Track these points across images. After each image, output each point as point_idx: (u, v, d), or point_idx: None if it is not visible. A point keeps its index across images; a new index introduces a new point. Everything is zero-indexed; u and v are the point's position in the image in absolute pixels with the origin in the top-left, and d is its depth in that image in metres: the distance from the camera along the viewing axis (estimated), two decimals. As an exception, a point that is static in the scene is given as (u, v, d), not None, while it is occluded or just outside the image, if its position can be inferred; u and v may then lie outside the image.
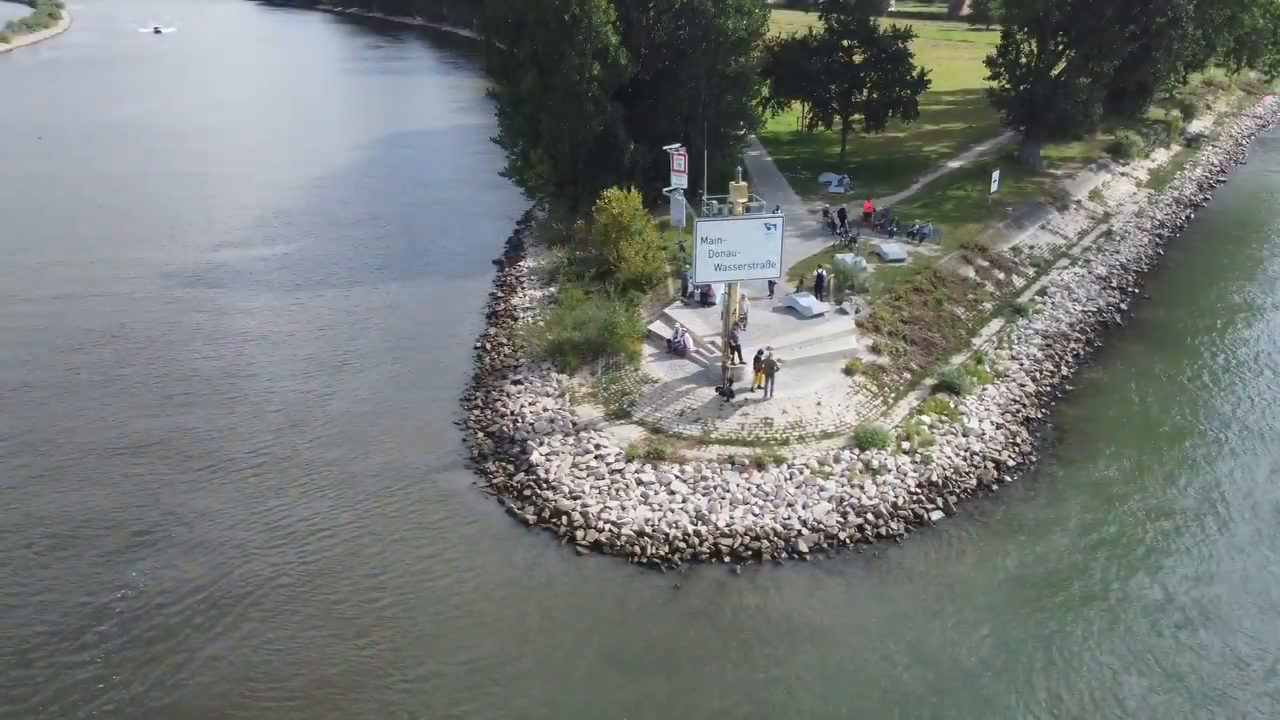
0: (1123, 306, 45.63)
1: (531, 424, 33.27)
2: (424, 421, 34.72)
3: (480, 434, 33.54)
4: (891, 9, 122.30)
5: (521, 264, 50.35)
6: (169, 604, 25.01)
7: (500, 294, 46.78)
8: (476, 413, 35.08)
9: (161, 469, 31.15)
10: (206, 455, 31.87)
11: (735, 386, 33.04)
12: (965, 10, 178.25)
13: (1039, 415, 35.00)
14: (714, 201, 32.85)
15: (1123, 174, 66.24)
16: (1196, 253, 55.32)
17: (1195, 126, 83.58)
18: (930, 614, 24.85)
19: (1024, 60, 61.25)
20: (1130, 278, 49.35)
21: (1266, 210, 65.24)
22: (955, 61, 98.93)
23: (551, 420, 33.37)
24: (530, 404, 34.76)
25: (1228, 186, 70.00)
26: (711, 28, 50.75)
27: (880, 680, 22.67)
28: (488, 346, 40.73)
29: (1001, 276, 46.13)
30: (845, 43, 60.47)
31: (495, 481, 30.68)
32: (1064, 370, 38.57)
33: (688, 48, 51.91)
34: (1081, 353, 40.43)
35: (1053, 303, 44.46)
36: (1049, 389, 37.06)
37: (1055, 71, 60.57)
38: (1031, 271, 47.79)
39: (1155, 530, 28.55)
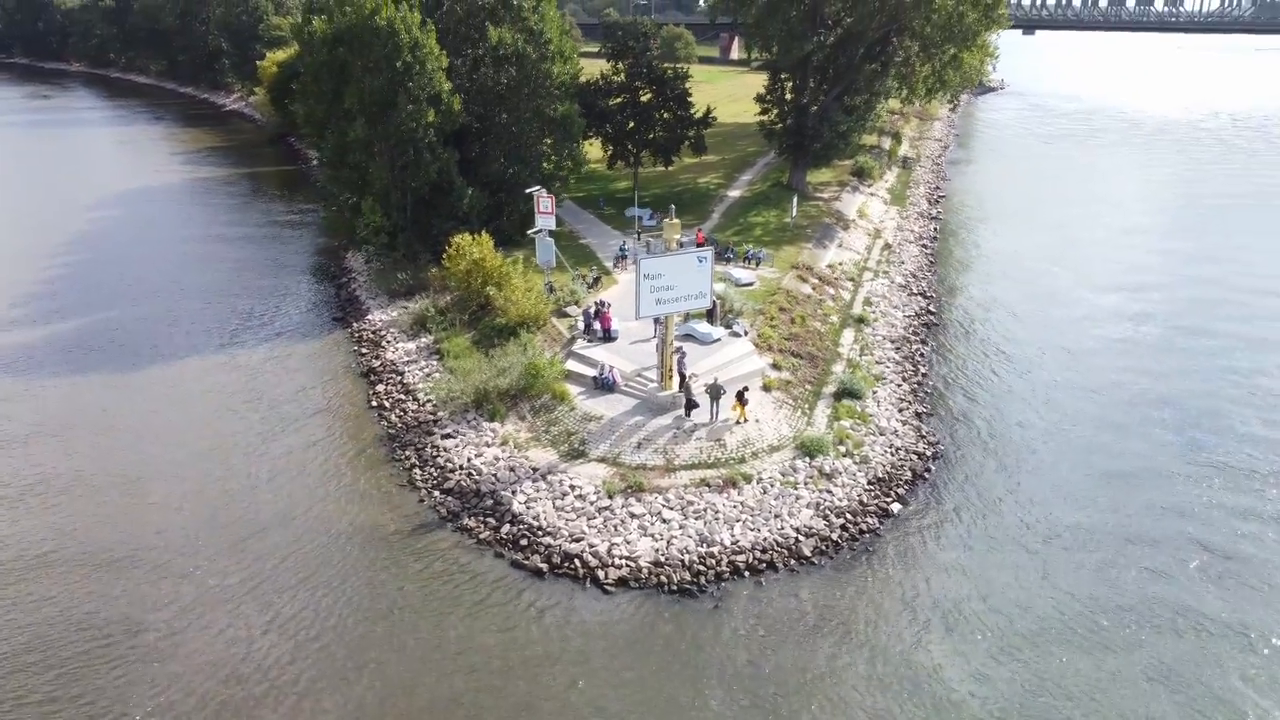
0: (931, 309, 52.13)
1: (494, 474, 32.81)
2: (366, 489, 33.05)
3: (437, 493, 32.53)
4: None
5: (370, 318, 48.44)
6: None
7: (365, 350, 44.88)
8: (418, 472, 33.92)
9: (113, 590, 27.49)
10: (159, 568, 28.38)
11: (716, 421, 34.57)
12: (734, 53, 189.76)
13: (925, 409, 39.54)
14: (650, 240, 34.32)
15: (871, 194, 74.86)
16: (954, 255, 64.00)
17: (902, 150, 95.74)
18: (943, 597, 27.73)
19: (789, 97, 67.93)
20: (923, 284, 56.31)
21: (983, 215, 76.26)
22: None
23: (511, 468, 33.08)
24: (477, 455, 34.17)
25: (948, 200, 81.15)
26: (537, 72, 51.98)
27: (929, 663, 25.15)
28: (387, 404, 39.23)
29: (832, 291, 51.08)
30: (637, 84, 63.82)
31: (482, 537, 30.05)
32: (921, 368, 43.66)
33: (511, 93, 52.68)
34: (924, 351, 45.91)
35: (881, 311, 49.93)
36: (918, 384, 41.87)
37: (815, 106, 67.57)
38: (850, 285, 53.26)
39: (1075, 487, 33.62)
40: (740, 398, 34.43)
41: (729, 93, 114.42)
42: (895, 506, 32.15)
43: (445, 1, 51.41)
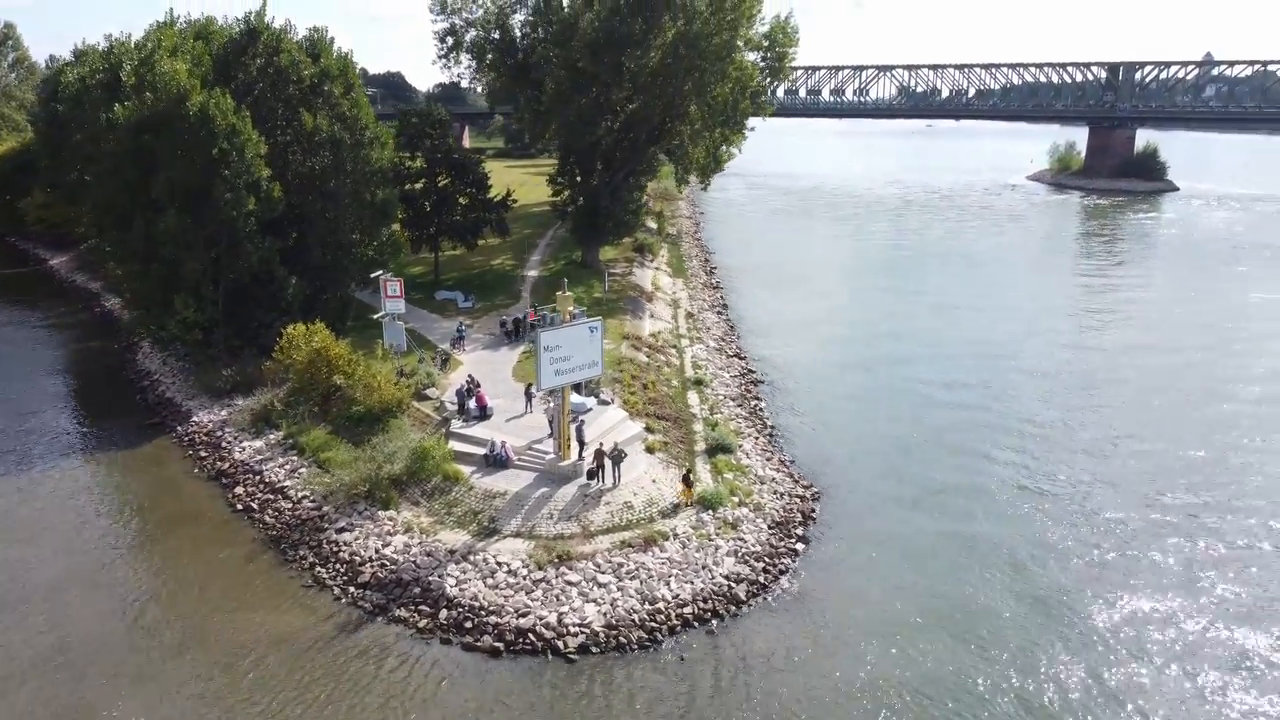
0: (751, 368, 55.84)
1: (412, 561, 31.66)
2: (272, 595, 30.75)
3: (352, 588, 30.93)
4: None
5: (197, 419, 44.96)
6: None
7: (205, 454, 41.64)
8: (323, 570, 32.07)
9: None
10: (68, 710, 25.06)
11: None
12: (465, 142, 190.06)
13: (788, 456, 42.41)
14: (547, 313, 35.11)
15: (656, 269, 78.94)
16: (746, 319, 68.73)
17: (666, 227, 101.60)
18: (870, 617, 29.98)
19: (579, 179, 70.90)
20: (734, 346, 60.18)
21: (756, 282, 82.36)
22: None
23: (428, 553, 32.05)
24: (384, 545, 32.84)
25: (721, 268, 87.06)
26: (356, 158, 51.25)
27: (882, 678, 27.16)
28: (255, 506, 36.71)
29: (664, 358, 53.52)
30: (436, 170, 64.23)
31: (421, 626, 28.91)
32: (768, 420, 46.75)
33: (327, 178, 51.41)
34: (763, 406, 49.14)
35: (711, 372, 52.89)
36: (771, 435, 44.84)
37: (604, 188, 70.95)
38: (675, 352, 55.99)
39: (931, 500, 37.75)
40: (686, 480, 35.58)
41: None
42: (799, 545, 34.36)
43: (256, 87, 49.62)
